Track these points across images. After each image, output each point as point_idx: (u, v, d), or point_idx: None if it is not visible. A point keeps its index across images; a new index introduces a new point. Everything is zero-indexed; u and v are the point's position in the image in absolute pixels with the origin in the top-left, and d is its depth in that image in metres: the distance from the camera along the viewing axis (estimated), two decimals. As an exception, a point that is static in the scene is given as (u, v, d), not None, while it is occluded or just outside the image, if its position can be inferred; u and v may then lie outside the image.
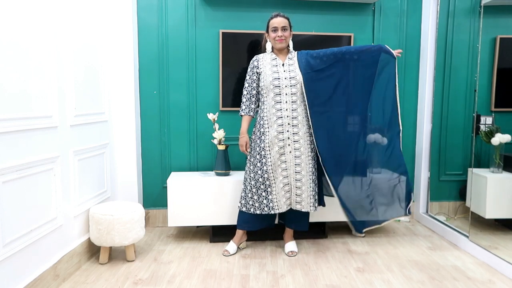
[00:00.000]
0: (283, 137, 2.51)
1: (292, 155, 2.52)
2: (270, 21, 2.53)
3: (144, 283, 2.25)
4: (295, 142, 2.52)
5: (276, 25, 2.49)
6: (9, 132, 1.78)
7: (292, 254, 2.65)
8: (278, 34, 2.49)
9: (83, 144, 2.49)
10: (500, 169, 3.01)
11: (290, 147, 2.52)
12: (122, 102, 2.97)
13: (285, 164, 2.53)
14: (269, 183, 2.53)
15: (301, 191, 2.54)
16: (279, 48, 2.54)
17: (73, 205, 2.37)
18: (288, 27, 2.52)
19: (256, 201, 2.57)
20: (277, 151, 2.51)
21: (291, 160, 2.52)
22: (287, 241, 2.74)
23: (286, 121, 2.51)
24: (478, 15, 3.06)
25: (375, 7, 3.29)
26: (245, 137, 2.62)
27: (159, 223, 3.27)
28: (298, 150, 2.52)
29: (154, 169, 3.23)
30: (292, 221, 2.72)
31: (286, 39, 2.52)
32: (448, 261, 2.58)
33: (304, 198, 2.55)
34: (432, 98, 3.30)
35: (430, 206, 3.37)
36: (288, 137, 2.51)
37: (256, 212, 2.58)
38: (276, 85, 2.51)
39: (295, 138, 2.52)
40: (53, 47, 2.13)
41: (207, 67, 3.19)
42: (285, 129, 2.51)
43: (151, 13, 3.10)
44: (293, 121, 2.51)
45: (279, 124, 2.51)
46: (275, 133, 2.51)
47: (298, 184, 2.53)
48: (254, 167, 2.56)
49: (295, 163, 2.52)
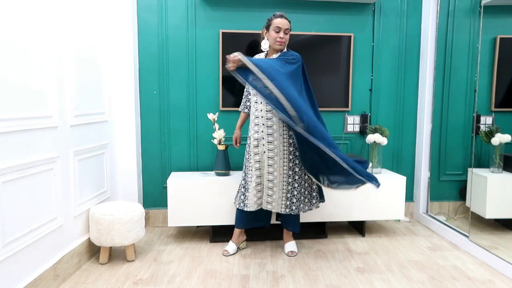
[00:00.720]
0: (257, 136, 2.52)
1: (266, 155, 2.51)
2: (273, 20, 2.48)
3: (144, 283, 2.25)
4: (269, 143, 2.50)
5: (280, 26, 2.45)
6: (9, 132, 1.78)
7: (292, 254, 2.66)
8: (280, 35, 2.46)
9: (83, 144, 2.49)
10: (500, 169, 3.01)
11: (265, 147, 2.51)
12: (122, 102, 2.97)
13: (259, 163, 2.53)
14: (247, 180, 2.60)
15: (273, 191, 2.53)
16: (278, 49, 2.53)
17: (73, 205, 2.37)
18: (289, 31, 2.51)
19: (239, 196, 2.67)
20: (252, 150, 2.54)
21: (264, 161, 2.52)
22: (286, 241, 2.75)
23: (261, 121, 2.51)
24: (478, 15, 3.06)
25: (375, 7, 3.29)
26: (236, 133, 2.81)
27: (159, 223, 3.28)
28: (272, 151, 2.50)
29: (154, 169, 3.23)
30: (284, 221, 2.73)
31: (286, 42, 2.51)
32: (448, 261, 2.58)
33: (275, 199, 2.53)
34: (432, 98, 3.30)
35: (430, 206, 3.37)
36: (262, 137, 2.51)
37: (237, 206, 2.67)
38: None
39: (269, 139, 2.50)
40: (53, 47, 2.13)
41: (207, 67, 3.19)
42: (260, 129, 2.51)
43: (151, 13, 3.10)
44: (268, 122, 2.49)
45: (256, 123, 2.53)
46: (252, 132, 2.54)
47: (270, 184, 2.52)
48: (245, 164, 2.66)
49: (268, 164, 2.51)
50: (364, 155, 3.36)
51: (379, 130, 3.06)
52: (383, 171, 3.19)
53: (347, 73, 3.28)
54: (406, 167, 3.47)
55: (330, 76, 3.26)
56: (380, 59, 3.34)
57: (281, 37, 2.46)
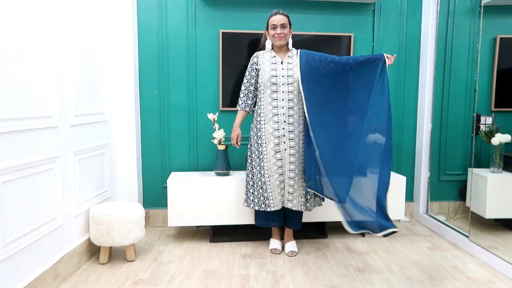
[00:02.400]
0: (278, 134, 2.51)
1: (287, 152, 2.52)
2: (269, 19, 2.54)
3: (144, 283, 2.25)
4: (290, 140, 2.51)
5: (275, 22, 2.50)
6: (9, 132, 1.78)
7: (292, 254, 2.66)
8: (277, 31, 2.49)
9: (83, 144, 2.49)
10: (500, 169, 3.01)
11: (286, 145, 2.52)
12: (122, 102, 2.97)
13: (280, 161, 2.53)
14: (264, 180, 2.55)
15: (294, 189, 2.54)
16: (278, 45, 2.55)
17: (73, 205, 2.37)
18: (287, 25, 2.52)
19: (256, 197, 2.61)
20: (272, 148, 2.52)
21: (285, 158, 2.52)
22: (287, 241, 2.75)
23: (282, 119, 2.51)
24: (478, 15, 3.06)
25: (375, 7, 3.29)
26: (237, 131, 2.68)
27: (159, 223, 3.27)
28: (293, 148, 2.52)
29: (154, 169, 3.23)
30: (288, 219, 2.73)
31: (286, 36, 2.52)
32: (448, 261, 2.58)
33: (296, 197, 2.55)
34: (432, 98, 3.30)
35: (430, 206, 3.37)
36: (283, 134, 2.51)
37: (255, 208, 2.62)
38: (274, 83, 2.52)
39: (290, 136, 2.51)
40: (53, 47, 2.13)
41: (207, 67, 3.19)
42: (280, 126, 2.51)
43: (151, 13, 3.10)
44: (289, 119, 2.51)
45: (275, 121, 2.52)
46: (271, 130, 2.52)
47: (291, 182, 2.53)
48: (253, 163, 2.61)
49: (289, 161, 2.52)
50: (364, 155, 3.36)
51: (379, 130, 3.05)
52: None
53: (347, 73, 3.28)
54: (406, 167, 3.46)
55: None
56: (380, 59, 3.34)
57: (278, 33, 2.49)
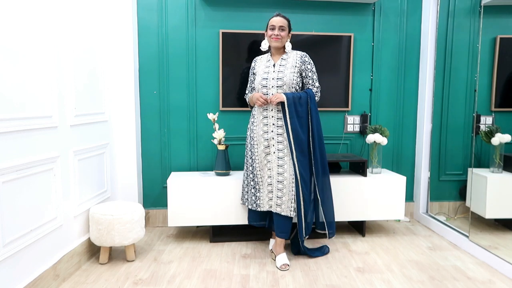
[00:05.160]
0: (267, 137, 2.52)
1: (275, 155, 2.51)
2: (269, 20, 2.55)
3: (144, 283, 2.25)
4: (279, 143, 2.51)
5: (274, 23, 2.50)
6: (9, 132, 1.78)
7: (284, 268, 2.44)
8: (275, 32, 2.50)
9: (83, 144, 2.49)
10: (500, 169, 3.01)
11: (274, 148, 2.51)
12: (122, 102, 2.97)
13: (270, 164, 2.53)
14: (257, 180, 2.59)
15: (282, 193, 2.51)
16: (274, 46, 2.55)
17: (73, 205, 2.37)
18: (286, 28, 2.52)
19: (249, 196, 2.66)
20: (263, 150, 2.54)
21: (274, 161, 2.52)
22: (278, 252, 2.55)
23: (271, 121, 2.52)
24: (478, 15, 3.06)
25: (375, 7, 3.29)
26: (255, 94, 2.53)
27: (159, 223, 3.27)
28: (282, 151, 2.50)
29: (154, 169, 3.23)
30: (274, 226, 2.59)
31: (283, 39, 2.52)
32: (448, 261, 2.58)
33: (285, 201, 2.51)
34: (432, 98, 3.30)
35: (430, 206, 3.37)
36: (272, 137, 2.51)
37: (249, 207, 2.68)
38: (264, 85, 2.53)
39: (279, 139, 2.51)
40: (53, 47, 2.13)
41: (207, 67, 3.19)
42: (269, 129, 2.52)
43: (151, 13, 3.10)
44: (278, 122, 2.51)
45: (265, 123, 2.53)
46: (261, 132, 2.54)
47: (280, 186, 2.51)
48: (247, 163, 2.66)
49: (277, 164, 2.51)
50: (364, 155, 3.36)
51: (379, 130, 3.06)
52: (383, 171, 3.19)
53: (347, 73, 3.28)
54: (406, 167, 3.47)
55: (330, 76, 3.26)
56: (380, 59, 3.34)
57: (275, 34, 2.50)
